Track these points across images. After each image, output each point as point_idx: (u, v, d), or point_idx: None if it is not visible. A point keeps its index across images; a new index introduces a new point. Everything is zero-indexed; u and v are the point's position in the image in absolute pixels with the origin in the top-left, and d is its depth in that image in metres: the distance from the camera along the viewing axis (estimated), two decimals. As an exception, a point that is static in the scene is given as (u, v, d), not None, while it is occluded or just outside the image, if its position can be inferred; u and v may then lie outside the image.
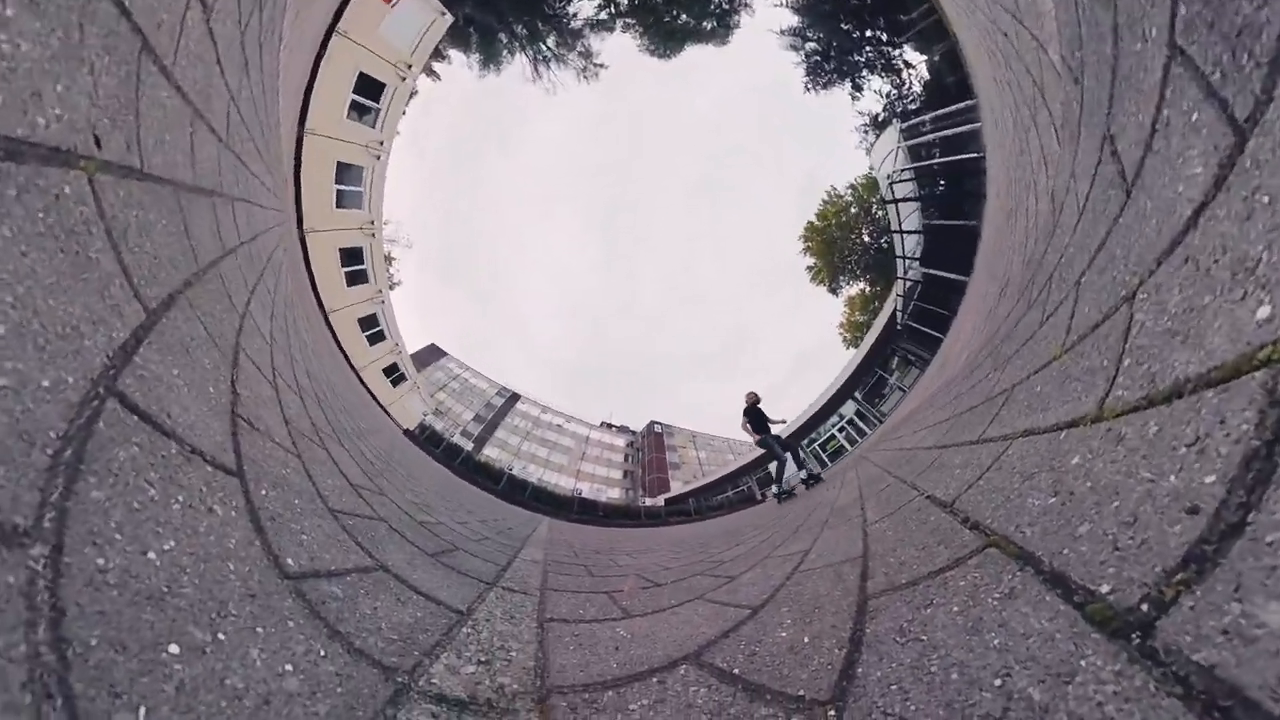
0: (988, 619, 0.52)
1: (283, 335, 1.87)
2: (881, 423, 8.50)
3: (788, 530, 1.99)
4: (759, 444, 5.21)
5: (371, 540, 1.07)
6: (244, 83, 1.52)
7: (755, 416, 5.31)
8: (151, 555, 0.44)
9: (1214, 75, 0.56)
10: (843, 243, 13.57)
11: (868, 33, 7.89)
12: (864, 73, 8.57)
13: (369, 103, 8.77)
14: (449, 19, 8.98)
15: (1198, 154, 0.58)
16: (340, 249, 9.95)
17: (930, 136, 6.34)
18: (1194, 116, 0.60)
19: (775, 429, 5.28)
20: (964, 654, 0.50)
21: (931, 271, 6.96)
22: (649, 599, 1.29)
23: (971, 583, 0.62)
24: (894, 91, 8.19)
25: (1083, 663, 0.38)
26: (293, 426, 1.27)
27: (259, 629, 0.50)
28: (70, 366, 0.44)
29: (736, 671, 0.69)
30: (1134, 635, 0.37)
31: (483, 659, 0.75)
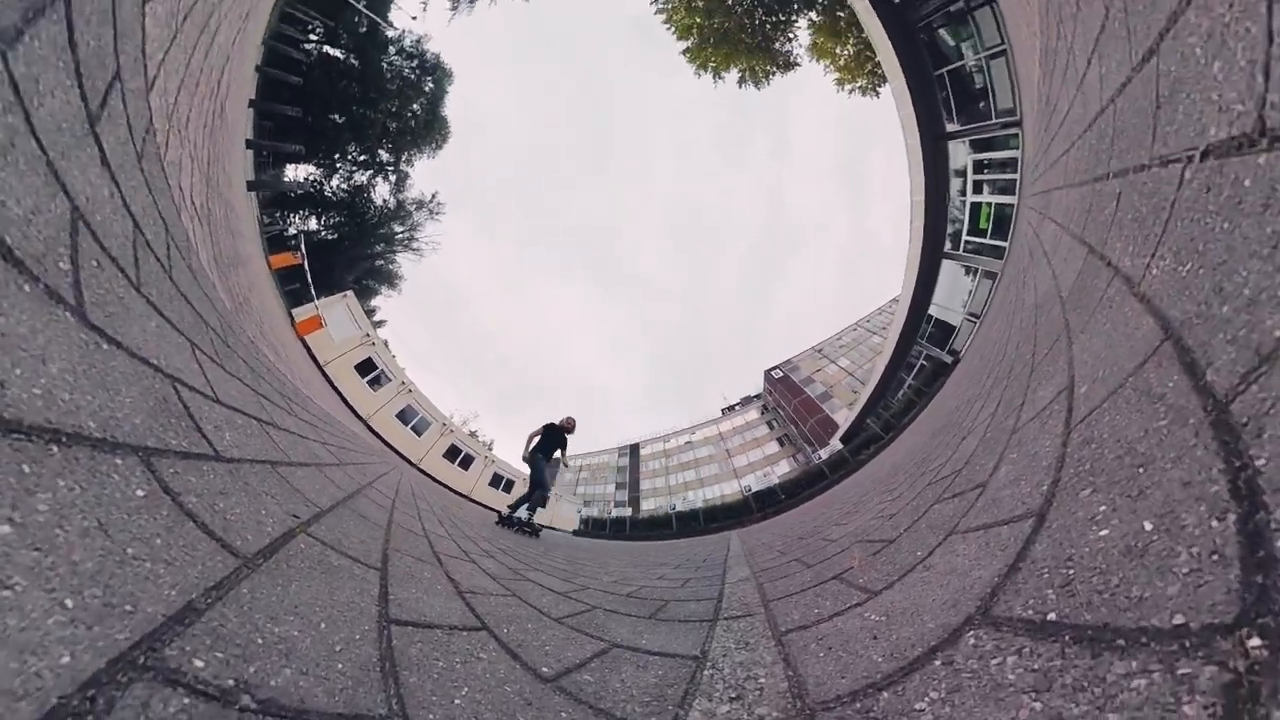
0: None
1: (452, 527, 2.65)
2: (1019, 124, 4.86)
3: (1019, 376, 1.45)
4: (528, 460, 4.46)
5: (595, 627, 1.28)
6: (326, 437, 2.43)
7: (551, 440, 4.49)
8: (458, 700, 0.68)
9: None
10: (727, 25, 8.13)
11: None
12: None
13: (374, 373, 13.24)
14: (349, 293, 13.19)
15: None
16: (443, 455, 14.45)
17: None
18: None
19: (554, 463, 4.45)
20: None
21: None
22: (887, 564, 1.15)
23: None
24: None
25: None
26: (496, 578, 1.70)
27: (544, 725, 0.68)
28: (366, 623, 0.80)
29: (1052, 617, 0.51)
30: None
31: (733, 695, 0.78)
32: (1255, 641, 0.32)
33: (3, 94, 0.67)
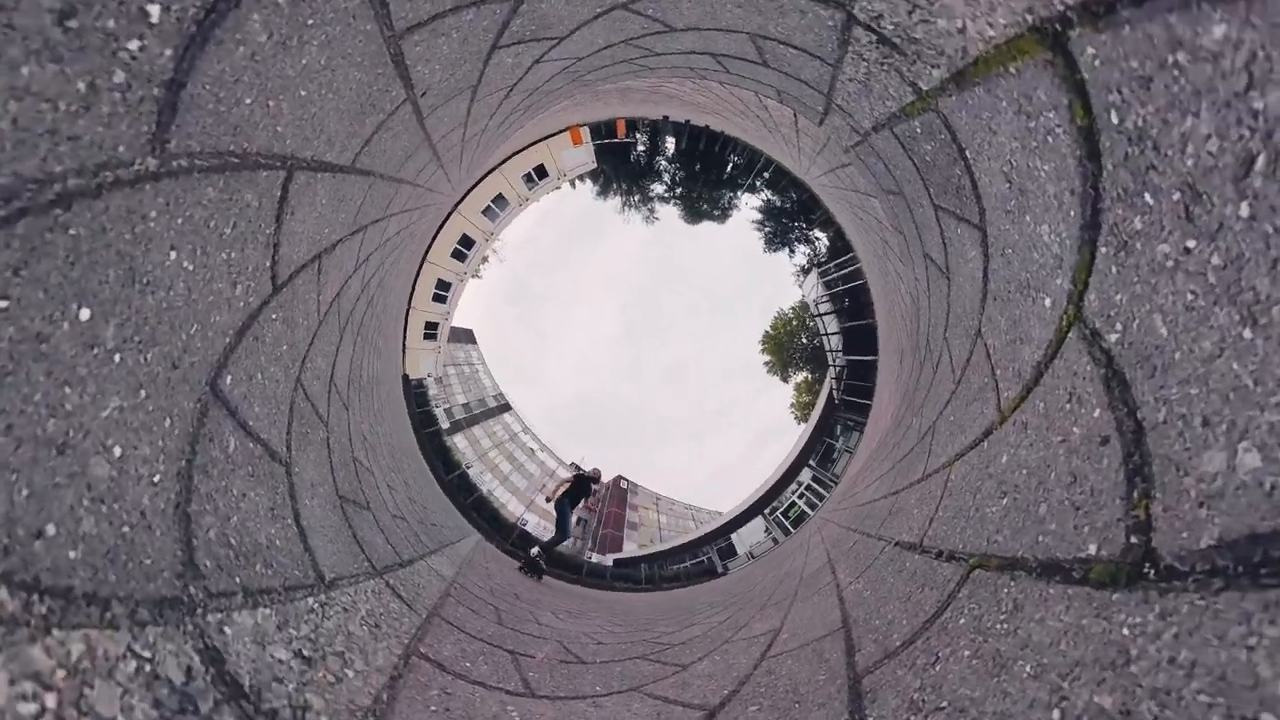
0: (1006, 647, 0.42)
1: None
2: (836, 484, 8.64)
3: (752, 608, 1.63)
4: (556, 505, 4.71)
5: (303, 438, 0.86)
6: (462, 156, 2.16)
7: (579, 489, 4.81)
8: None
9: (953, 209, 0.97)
10: (788, 344, 18.60)
11: (796, 221, 14.83)
12: (795, 242, 15.66)
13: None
14: (595, 165, 15.24)
15: (973, 253, 0.92)
16: (464, 233, 13.76)
17: (835, 275, 10.54)
18: (961, 233, 0.97)
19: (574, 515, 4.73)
20: (1000, 701, 0.38)
21: (851, 357, 9.82)
22: (566, 678, 0.97)
23: (971, 616, 0.52)
24: (811, 251, 14.72)
25: (1125, 632, 0.30)
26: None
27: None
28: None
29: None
30: (1147, 570, 0.31)
31: (306, 652, 0.52)
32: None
33: None
